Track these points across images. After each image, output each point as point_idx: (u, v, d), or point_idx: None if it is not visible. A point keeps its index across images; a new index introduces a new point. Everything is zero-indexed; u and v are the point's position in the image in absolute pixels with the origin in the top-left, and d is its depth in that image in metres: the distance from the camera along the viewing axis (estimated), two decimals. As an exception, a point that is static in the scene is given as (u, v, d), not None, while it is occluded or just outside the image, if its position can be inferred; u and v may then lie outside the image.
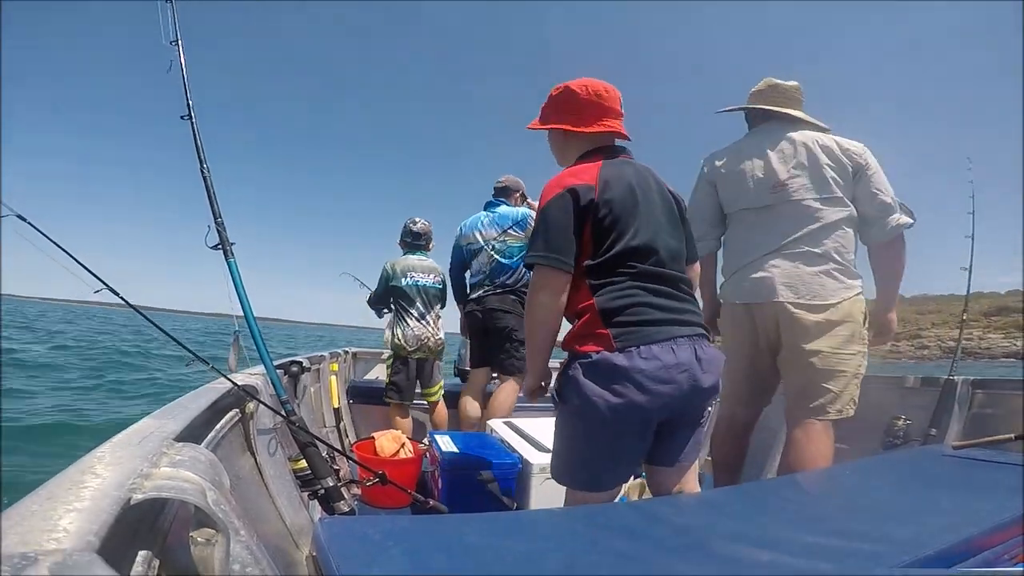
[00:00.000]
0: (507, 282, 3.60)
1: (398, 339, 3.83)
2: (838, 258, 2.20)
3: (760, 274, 2.27)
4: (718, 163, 2.49)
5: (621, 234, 1.57)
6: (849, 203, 2.24)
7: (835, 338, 2.15)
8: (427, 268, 3.98)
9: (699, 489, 1.80)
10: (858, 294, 2.23)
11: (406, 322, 3.84)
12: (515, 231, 3.60)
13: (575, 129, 1.78)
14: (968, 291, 3.45)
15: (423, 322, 3.86)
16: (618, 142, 1.82)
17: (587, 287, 1.58)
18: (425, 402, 3.99)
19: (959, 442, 1.86)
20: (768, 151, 2.34)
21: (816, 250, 2.19)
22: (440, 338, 3.93)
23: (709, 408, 1.68)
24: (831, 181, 2.22)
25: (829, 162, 2.23)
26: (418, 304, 3.87)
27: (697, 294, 1.82)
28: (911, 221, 2.21)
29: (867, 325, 2.25)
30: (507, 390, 3.52)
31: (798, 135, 2.32)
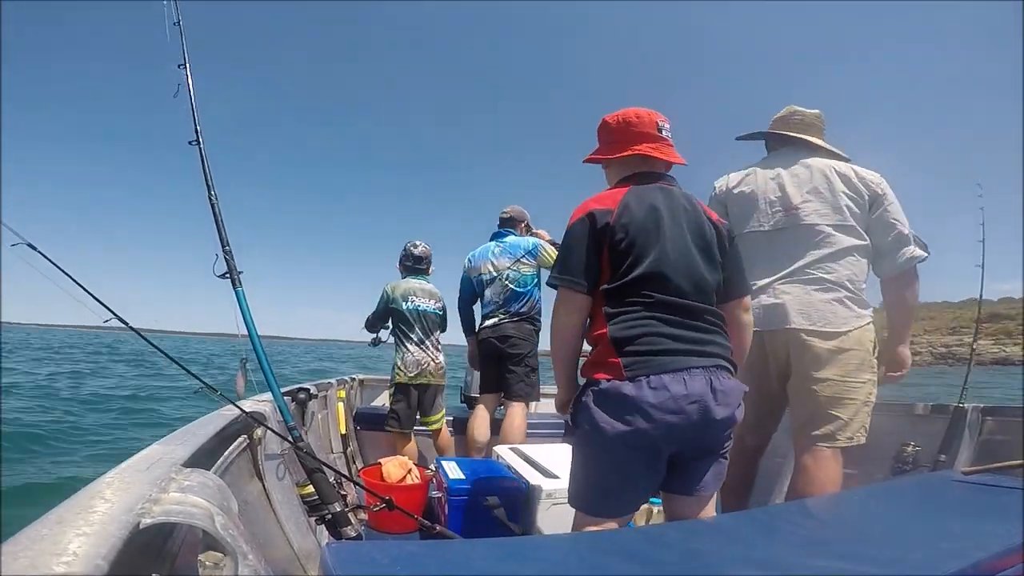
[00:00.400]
0: (521, 310, 3.63)
1: (398, 366, 3.81)
2: (850, 286, 2.19)
3: (772, 300, 2.25)
4: (731, 184, 2.48)
5: (638, 259, 1.57)
6: (863, 232, 2.23)
7: (845, 366, 2.14)
8: (428, 293, 3.97)
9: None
10: (868, 323, 2.21)
11: (406, 347, 3.83)
12: (527, 260, 3.65)
13: (605, 157, 1.83)
14: (978, 322, 3.42)
15: (422, 347, 3.84)
16: (673, 168, 1.82)
17: (603, 315, 1.59)
18: (428, 430, 3.96)
19: (968, 468, 1.85)
20: (783, 175, 2.34)
21: (828, 277, 2.18)
22: (440, 362, 3.91)
23: (729, 440, 1.63)
24: (846, 209, 2.21)
25: (846, 189, 2.23)
26: (417, 329, 3.85)
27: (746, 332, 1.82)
28: (925, 255, 2.20)
29: (876, 354, 2.23)
30: (516, 416, 3.53)
31: (814, 161, 2.32)
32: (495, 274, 3.67)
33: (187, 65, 2.12)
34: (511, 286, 3.62)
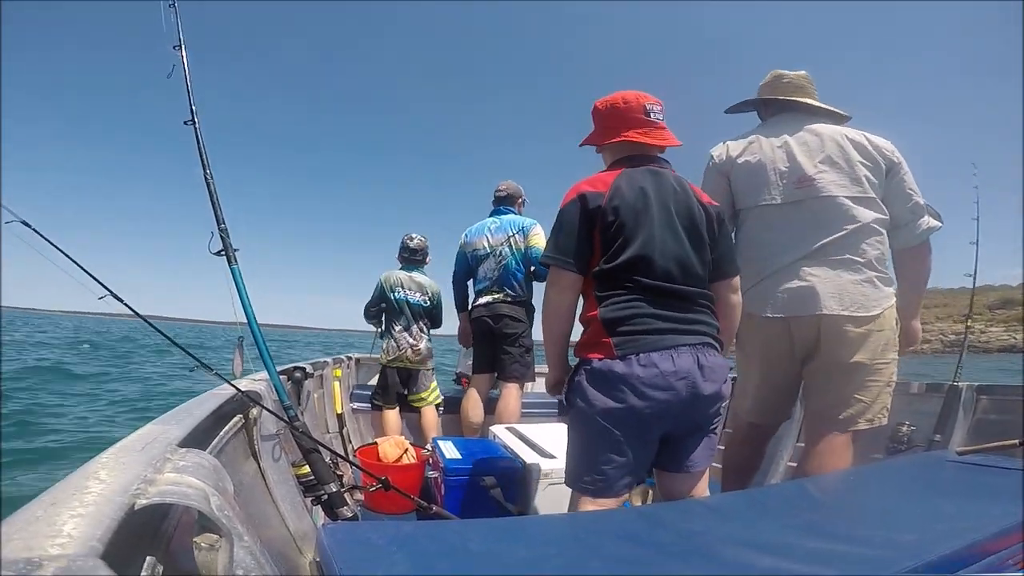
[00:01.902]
0: (515, 289, 3.60)
1: (382, 348, 4.09)
2: (878, 266, 2.08)
3: (797, 283, 2.09)
4: (733, 153, 2.30)
5: (627, 241, 1.61)
6: (882, 204, 2.11)
7: (874, 349, 2.05)
8: (417, 286, 4.14)
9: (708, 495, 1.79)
10: (893, 302, 2.11)
11: (390, 332, 4.06)
12: (518, 237, 3.61)
13: (597, 143, 1.87)
14: (972, 297, 3.43)
15: (406, 333, 4.03)
16: (666, 150, 1.83)
17: (594, 298, 1.64)
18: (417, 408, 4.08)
19: (963, 448, 1.85)
20: (791, 142, 2.19)
21: (858, 258, 2.06)
22: (419, 349, 4.04)
23: (718, 415, 1.66)
24: (864, 179, 2.09)
25: (861, 159, 2.10)
26: (403, 317, 4.05)
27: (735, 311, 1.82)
28: (940, 224, 2.12)
29: (899, 332, 2.15)
30: (511, 396, 3.54)
31: (822, 127, 2.18)
32: (488, 250, 3.66)
33: (182, 46, 2.11)
34: (504, 263, 3.60)
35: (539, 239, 3.54)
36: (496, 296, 3.62)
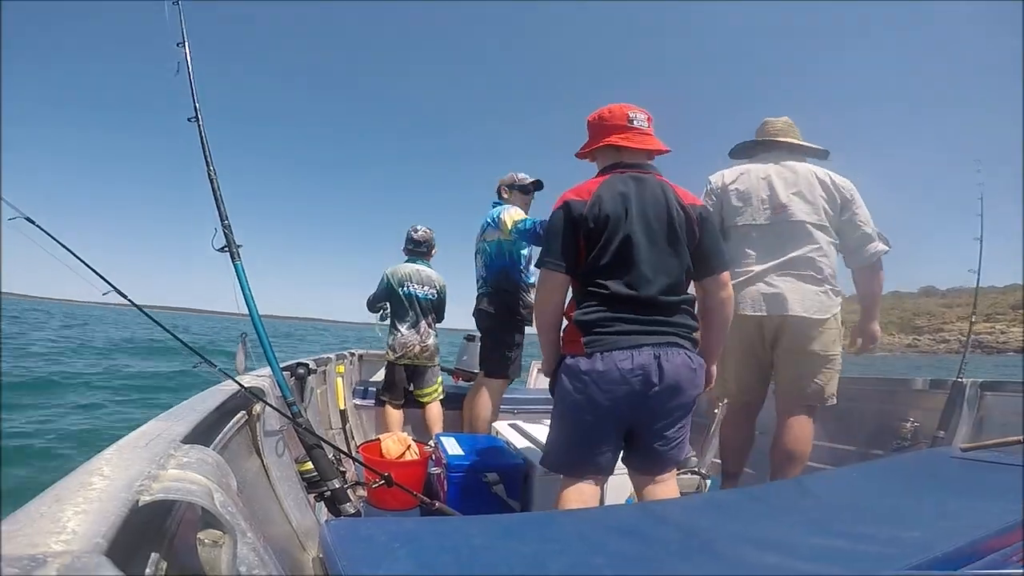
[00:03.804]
0: (497, 282, 3.50)
1: (389, 345, 4.03)
2: (832, 280, 2.59)
3: (771, 289, 2.59)
4: (727, 181, 2.79)
5: (604, 248, 1.79)
6: (834, 231, 2.63)
7: (826, 343, 2.55)
8: (423, 279, 4.11)
9: (678, 494, 1.92)
10: (840, 307, 2.60)
11: (398, 329, 4.02)
12: (491, 231, 3.52)
13: (584, 150, 2.05)
14: (976, 294, 3.48)
15: (413, 330, 4.02)
16: (655, 157, 2.00)
17: (575, 301, 1.87)
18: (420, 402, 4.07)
19: (967, 444, 1.85)
20: (772, 175, 2.69)
21: (817, 274, 2.56)
22: (427, 345, 4.03)
23: (678, 414, 1.80)
24: (823, 210, 2.60)
25: (823, 193, 2.61)
26: (411, 313, 4.04)
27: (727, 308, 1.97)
28: (887, 248, 2.61)
29: (858, 332, 2.75)
30: (481, 391, 3.50)
31: (798, 165, 2.69)
32: (476, 247, 3.64)
33: (186, 43, 2.10)
34: (483, 259, 3.56)
35: (510, 215, 3.32)
36: (480, 292, 3.59)
